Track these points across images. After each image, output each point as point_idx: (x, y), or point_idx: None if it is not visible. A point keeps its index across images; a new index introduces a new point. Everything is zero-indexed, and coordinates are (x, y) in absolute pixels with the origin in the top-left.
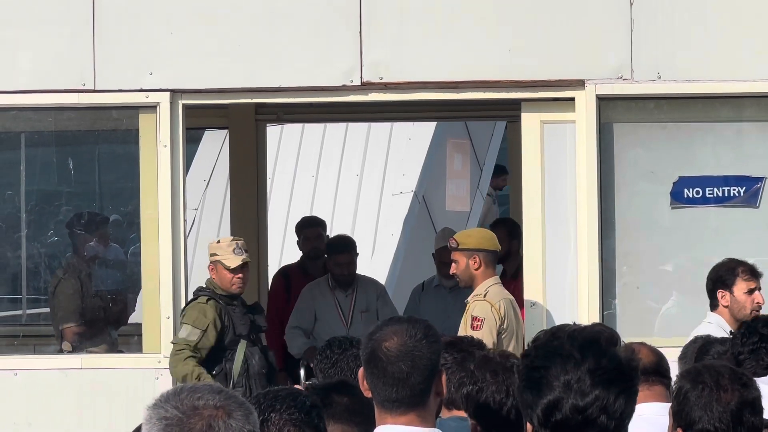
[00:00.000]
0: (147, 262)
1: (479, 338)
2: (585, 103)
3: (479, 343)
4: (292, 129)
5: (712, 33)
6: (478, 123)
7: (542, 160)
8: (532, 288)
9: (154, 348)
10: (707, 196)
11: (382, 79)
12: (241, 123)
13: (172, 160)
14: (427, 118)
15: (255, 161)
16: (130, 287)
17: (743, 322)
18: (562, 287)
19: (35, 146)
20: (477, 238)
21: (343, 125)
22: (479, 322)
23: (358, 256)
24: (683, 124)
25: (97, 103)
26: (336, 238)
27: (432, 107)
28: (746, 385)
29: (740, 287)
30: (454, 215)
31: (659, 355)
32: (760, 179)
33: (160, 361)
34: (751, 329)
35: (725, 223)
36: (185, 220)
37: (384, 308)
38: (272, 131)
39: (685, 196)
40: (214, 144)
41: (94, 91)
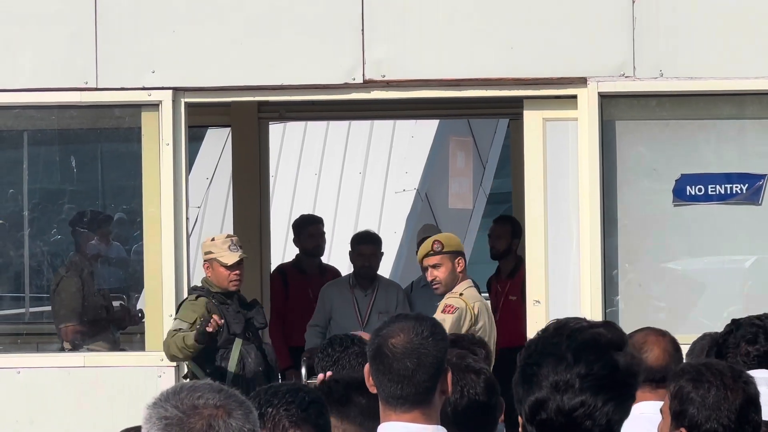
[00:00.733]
0: (149, 261)
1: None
2: (587, 100)
3: (480, 341)
4: (295, 127)
5: (714, 30)
6: (481, 121)
7: (544, 158)
8: (534, 285)
9: (156, 346)
10: (710, 193)
11: (384, 76)
12: (244, 121)
13: (175, 158)
14: (429, 115)
15: (258, 159)
16: (132, 285)
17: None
18: (564, 285)
19: (38, 144)
20: (458, 241)
21: (345, 123)
22: (452, 308)
23: (382, 256)
24: (685, 121)
25: (99, 102)
26: (363, 231)
27: (434, 105)
28: (748, 383)
29: None
30: (457, 213)
31: (670, 358)
32: (762, 176)
33: (162, 359)
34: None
35: (727, 220)
36: (188, 219)
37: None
38: (275, 129)
39: (688, 193)
40: (217, 142)
41: (97, 89)
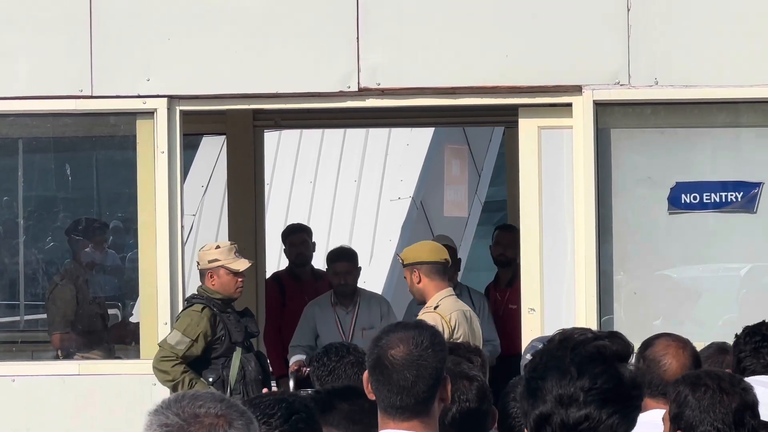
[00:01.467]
0: (144, 268)
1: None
2: (582, 108)
3: (476, 350)
4: (290, 135)
5: (709, 38)
6: (476, 129)
7: (539, 166)
8: (529, 293)
9: (151, 354)
10: (705, 201)
11: (379, 84)
12: (239, 129)
13: (170, 166)
14: (425, 123)
15: (253, 167)
16: (127, 293)
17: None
18: (559, 293)
19: (33, 152)
20: (415, 251)
21: (340, 131)
22: None
23: (360, 270)
24: (680, 129)
25: (94, 110)
26: (337, 248)
27: (430, 113)
28: (746, 389)
29: None
30: (452, 221)
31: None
32: (757, 185)
33: None
34: (755, 330)
35: (723, 228)
36: (183, 226)
37: None
38: (270, 137)
39: (683, 201)
40: (212, 150)
41: (92, 97)
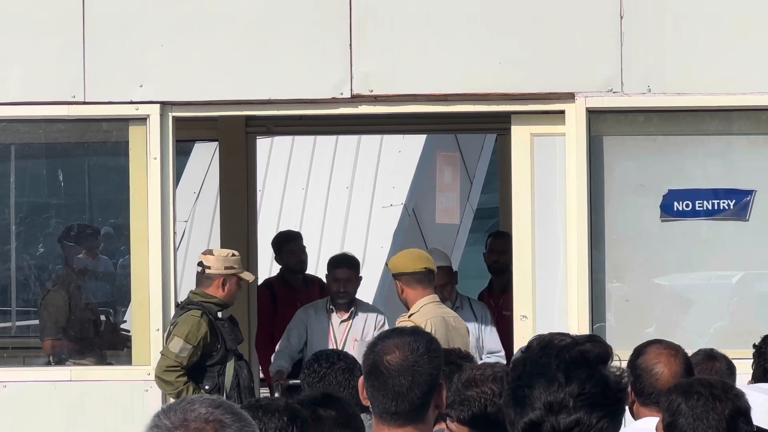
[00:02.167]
0: (137, 274)
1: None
2: (575, 115)
3: (467, 356)
4: (282, 141)
5: (701, 46)
6: (469, 136)
7: (532, 173)
8: (522, 300)
9: (143, 360)
10: (697, 209)
11: (372, 91)
12: (231, 135)
13: (162, 172)
14: (417, 130)
15: (245, 173)
16: (119, 299)
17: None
18: (552, 300)
19: (25, 158)
20: (395, 262)
21: (333, 138)
22: None
23: (360, 280)
24: (673, 137)
25: (87, 115)
26: (339, 254)
27: (422, 120)
28: (738, 395)
29: None
30: (444, 228)
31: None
32: (749, 192)
33: (149, 374)
34: None
35: (715, 236)
36: (175, 233)
37: None
38: (262, 144)
39: (675, 209)
40: (204, 156)
41: (84, 103)
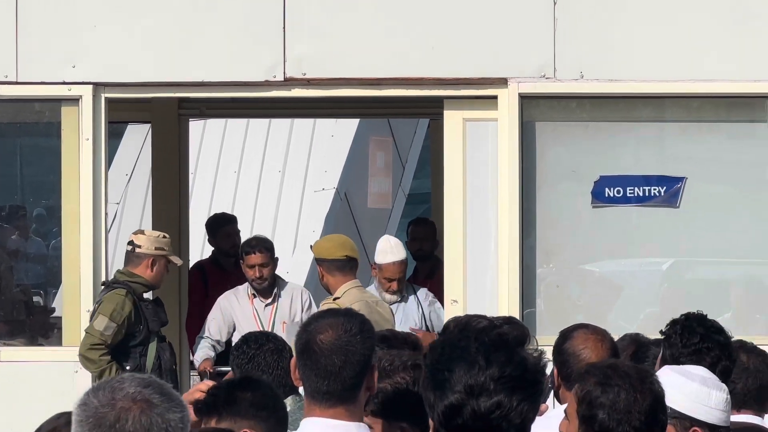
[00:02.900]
0: (68, 256)
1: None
2: (507, 101)
3: (413, 342)
4: (215, 124)
5: (634, 33)
6: (401, 120)
7: (464, 158)
8: (452, 285)
9: (73, 341)
10: (628, 195)
11: (305, 74)
12: (164, 117)
13: (95, 153)
14: (350, 114)
15: (177, 156)
16: (50, 281)
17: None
18: (483, 285)
19: None
20: (317, 248)
21: (266, 121)
22: None
23: (277, 262)
24: (605, 123)
25: (19, 96)
26: (250, 238)
27: (355, 104)
28: (654, 383)
29: None
30: (376, 212)
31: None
32: (680, 179)
33: None
34: (689, 329)
35: (646, 222)
36: (107, 214)
37: None
38: (195, 126)
39: (606, 195)
40: (137, 138)
41: (17, 83)
